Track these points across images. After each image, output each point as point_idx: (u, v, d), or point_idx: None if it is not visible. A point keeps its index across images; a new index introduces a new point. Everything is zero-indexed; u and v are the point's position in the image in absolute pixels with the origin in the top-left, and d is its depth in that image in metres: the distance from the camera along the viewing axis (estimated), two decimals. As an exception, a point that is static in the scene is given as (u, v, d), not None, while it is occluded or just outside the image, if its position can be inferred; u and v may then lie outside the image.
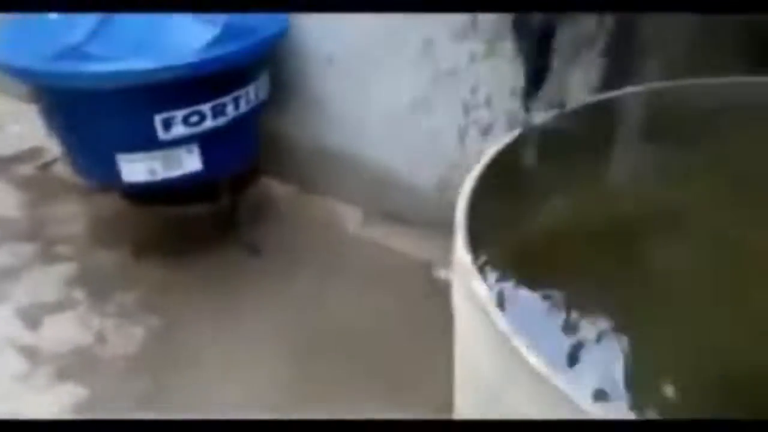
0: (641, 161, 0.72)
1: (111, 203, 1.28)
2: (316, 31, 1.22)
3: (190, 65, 0.99)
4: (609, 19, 0.85)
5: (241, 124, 1.12)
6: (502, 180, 0.65)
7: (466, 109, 1.11)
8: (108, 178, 1.10)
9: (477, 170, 0.63)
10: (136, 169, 1.07)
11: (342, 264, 1.20)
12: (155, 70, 0.98)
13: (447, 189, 1.18)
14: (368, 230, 1.28)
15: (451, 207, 1.27)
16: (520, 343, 0.46)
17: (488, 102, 1.08)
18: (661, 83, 0.75)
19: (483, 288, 0.51)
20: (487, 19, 1.02)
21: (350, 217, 1.30)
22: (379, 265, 1.20)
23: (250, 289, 1.16)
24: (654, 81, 0.76)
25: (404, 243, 1.23)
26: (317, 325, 1.08)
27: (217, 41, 1.01)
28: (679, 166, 0.68)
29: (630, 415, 0.49)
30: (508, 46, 0.99)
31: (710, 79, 0.74)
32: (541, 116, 0.69)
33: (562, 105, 0.74)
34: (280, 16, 1.16)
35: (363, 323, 1.08)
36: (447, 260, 1.14)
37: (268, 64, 1.16)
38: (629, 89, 0.74)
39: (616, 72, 0.87)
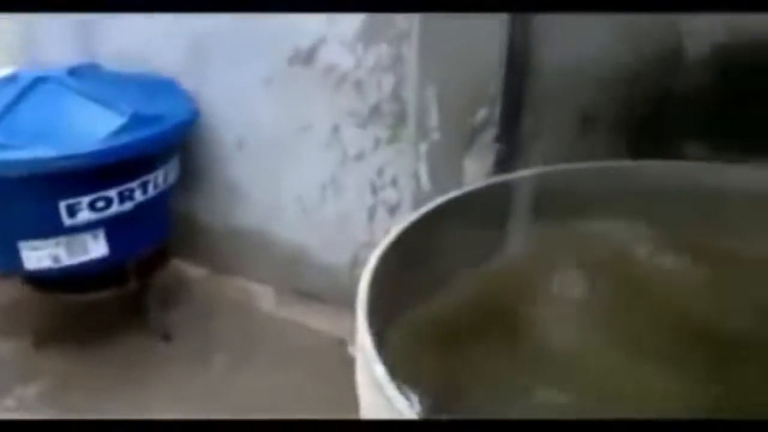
0: (532, 240, 0.76)
1: (12, 289, 1.23)
2: (226, 116, 1.25)
3: (94, 153, 1.00)
4: (497, 108, 0.92)
5: (148, 208, 1.12)
6: (404, 259, 0.67)
7: (374, 190, 1.15)
8: (9, 265, 1.07)
9: (379, 250, 0.65)
10: (39, 255, 1.04)
11: (256, 345, 1.19)
12: (59, 158, 0.98)
13: (359, 267, 1.20)
14: (282, 310, 1.28)
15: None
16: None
17: (394, 183, 1.12)
18: (548, 167, 0.79)
19: (380, 369, 0.53)
20: (389, 109, 1.08)
21: (264, 298, 1.30)
22: (295, 345, 1.19)
23: (159, 377, 1.13)
24: (541, 165, 0.81)
25: (319, 321, 1.24)
26: (231, 412, 1.06)
27: (123, 129, 1.02)
28: (562, 244, 0.73)
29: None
30: (409, 131, 1.04)
31: (595, 163, 0.80)
32: (441, 197, 0.72)
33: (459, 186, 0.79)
34: (189, 104, 1.19)
35: (278, 405, 1.06)
36: (359, 338, 1.14)
37: (177, 150, 1.18)
38: (521, 173, 0.79)
39: (509, 156, 0.93)
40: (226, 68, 1.22)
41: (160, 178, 1.12)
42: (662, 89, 0.85)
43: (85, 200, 1.03)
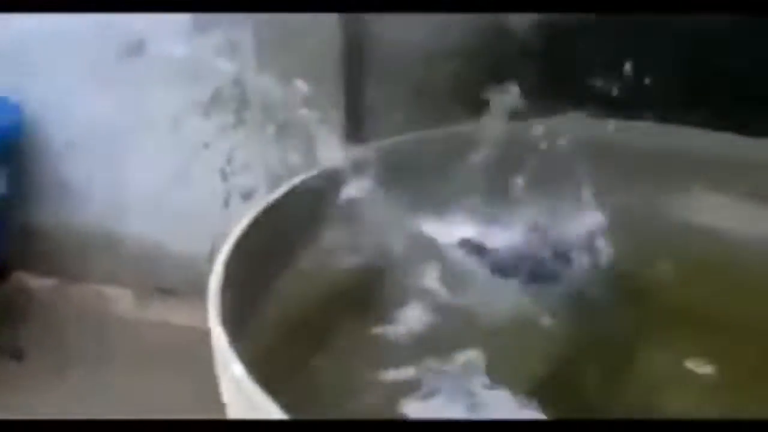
0: (384, 216, 0.80)
1: None
2: (54, 118, 1.19)
3: None
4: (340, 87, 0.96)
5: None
6: (258, 246, 0.65)
7: (225, 177, 1.15)
8: None
9: (230, 240, 0.63)
10: None
11: (116, 351, 1.16)
12: None
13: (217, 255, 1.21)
14: (141, 310, 1.25)
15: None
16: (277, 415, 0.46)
17: (246, 168, 1.13)
18: (394, 139, 0.83)
19: (238, 368, 0.50)
20: (231, 94, 1.08)
21: (119, 300, 1.26)
22: (158, 344, 1.17)
23: (15, 399, 1.06)
24: (384, 138, 0.85)
25: (181, 317, 1.22)
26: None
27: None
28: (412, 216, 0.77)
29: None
30: (256, 116, 1.06)
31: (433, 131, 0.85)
32: (290, 182, 0.74)
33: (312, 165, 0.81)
34: (11, 110, 1.12)
35: (145, 408, 1.04)
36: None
37: (4, 160, 1.11)
38: (370, 145, 0.82)
39: (356, 131, 0.98)
40: (49, 68, 1.16)
41: (-8, 188, 1.06)
42: (490, 59, 0.93)
43: None
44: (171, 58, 1.10)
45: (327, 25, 0.93)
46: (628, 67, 0.79)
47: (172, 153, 1.16)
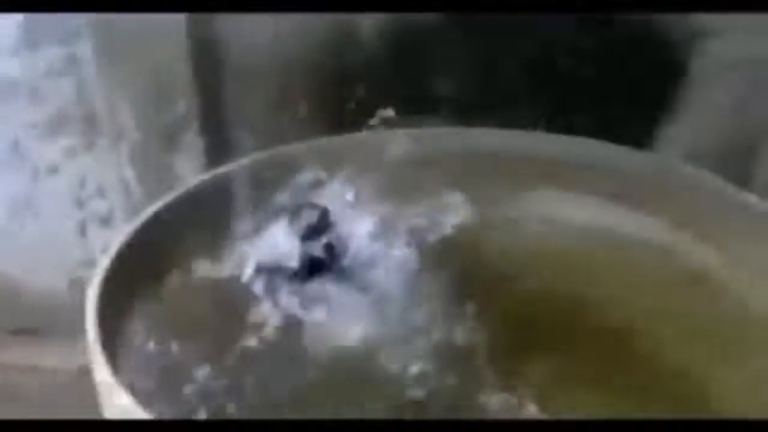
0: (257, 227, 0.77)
1: None
2: None
3: None
4: (195, 102, 0.90)
5: None
6: (132, 270, 0.63)
7: (79, 203, 1.06)
8: None
9: (100, 270, 0.61)
10: None
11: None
12: None
13: (79, 287, 1.12)
14: (2, 355, 1.13)
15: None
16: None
17: (101, 192, 1.05)
18: (263, 153, 0.79)
19: (126, 399, 0.49)
20: (76, 114, 0.99)
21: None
22: (27, 389, 1.07)
23: None
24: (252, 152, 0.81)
25: (49, 357, 1.12)
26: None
27: None
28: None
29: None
30: (104, 141, 0.97)
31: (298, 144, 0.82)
32: (161, 200, 0.68)
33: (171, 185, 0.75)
34: None
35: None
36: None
37: None
38: (238, 161, 0.77)
39: (217, 147, 0.92)
40: None
41: None
42: (341, 67, 0.90)
43: None
44: (3, 78, 1.00)
45: (174, 33, 0.86)
46: (475, 72, 0.79)
47: (14, 181, 1.05)
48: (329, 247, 0.71)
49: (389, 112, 0.86)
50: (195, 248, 0.69)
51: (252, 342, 0.67)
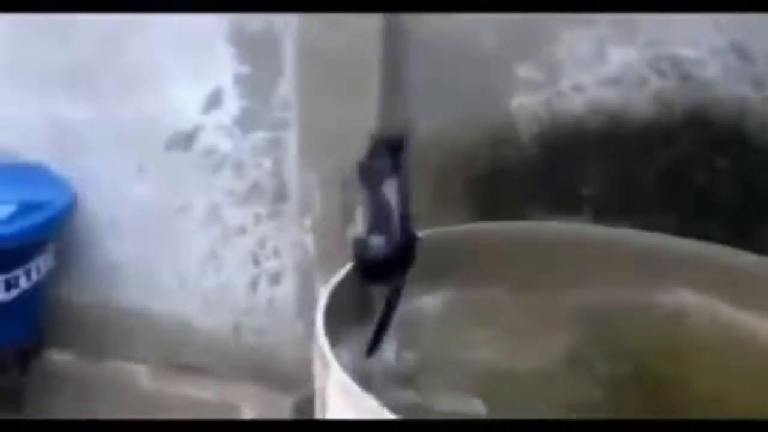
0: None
1: None
2: (99, 199, 1.28)
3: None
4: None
5: (31, 295, 1.13)
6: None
7: (256, 261, 1.25)
8: None
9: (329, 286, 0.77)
10: None
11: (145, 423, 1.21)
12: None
13: (241, 335, 1.29)
14: (164, 385, 1.30)
15: (247, 351, 1.39)
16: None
17: (276, 253, 1.24)
18: (432, 231, 0.93)
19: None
20: (269, 186, 1.20)
21: (144, 376, 1.32)
22: (183, 417, 1.23)
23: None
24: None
25: (203, 391, 1.28)
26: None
27: (14, 217, 1.04)
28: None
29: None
30: (289, 209, 1.18)
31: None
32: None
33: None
34: (67, 189, 1.21)
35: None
36: (252, 401, 1.24)
37: (57, 235, 1.19)
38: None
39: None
40: (100, 154, 1.27)
41: (42, 264, 1.14)
42: (499, 163, 1.07)
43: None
44: (216, 152, 1.23)
45: (365, 127, 1.07)
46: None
47: (206, 238, 1.26)
48: None
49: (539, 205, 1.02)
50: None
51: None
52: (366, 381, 0.68)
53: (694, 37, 0.92)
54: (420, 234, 0.83)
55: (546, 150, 1.02)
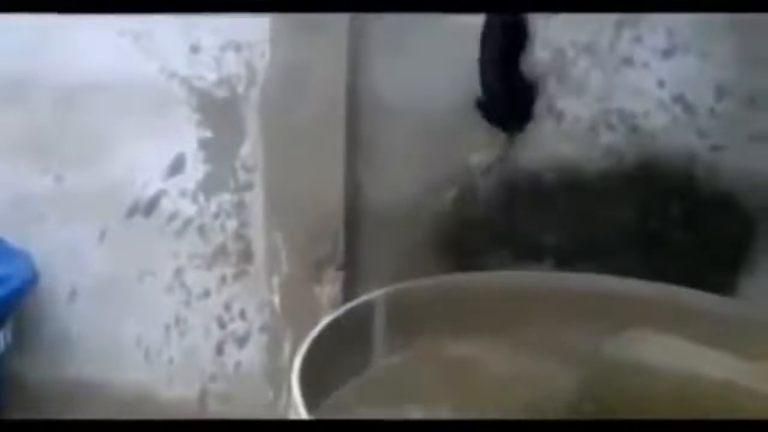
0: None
1: None
2: (57, 270, 1.25)
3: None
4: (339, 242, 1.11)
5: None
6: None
7: (222, 324, 1.24)
8: None
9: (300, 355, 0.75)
10: None
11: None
12: None
13: (207, 399, 1.27)
14: (128, 459, 1.26)
15: (214, 416, 1.35)
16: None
17: (242, 315, 1.23)
18: (393, 287, 0.97)
19: None
20: (234, 248, 1.20)
21: (107, 450, 1.27)
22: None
23: None
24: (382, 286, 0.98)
25: (169, 464, 1.24)
26: None
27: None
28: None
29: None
30: (254, 269, 1.18)
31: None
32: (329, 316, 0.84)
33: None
34: (26, 262, 1.18)
35: None
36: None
37: (14, 311, 1.16)
38: (373, 293, 0.95)
39: (352, 281, 1.11)
40: (57, 224, 1.24)
41: (1, 340, 1.10)
42: (463, 217, 1.11)
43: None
44: (179, 217, 1.22)
45: (332, 189, 1.09)
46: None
47: (169, 303, 1.24)
48: None
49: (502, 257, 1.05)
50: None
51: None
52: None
53: (640, 91, 0.98)
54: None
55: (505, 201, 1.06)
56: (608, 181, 1.00)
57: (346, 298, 1.08)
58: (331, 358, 0.81)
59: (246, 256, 1.20)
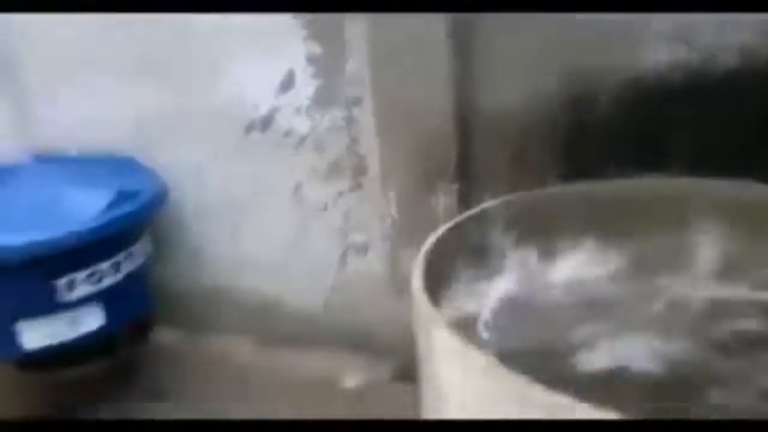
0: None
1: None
2: (184, 186, 1.34)
3: (91, 230, 1.08)
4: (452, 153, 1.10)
5: (135, 277, 1.20)
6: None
7: (343, 235, 1.28)
8: (5, 350, 1.11)
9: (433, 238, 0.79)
10: (39, 335, 1.09)
11: (246, 391, 1.27)
12: (58, 239, 1.05)
13: (332, 309, 1.33)
14: (263, 357, 1.36)
15: (337, 326, 1.42)
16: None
17: (361, 226, 1.26)
18: (521, 193, 0.94)
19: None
20: (348, 163, 1.23)
21: (243, 349, 1.38)
22: (284, 386, 1.28)
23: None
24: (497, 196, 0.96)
25: (300, 363, 1.33)
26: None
27: (112, 205, 1.11)
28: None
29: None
30: (370, 182, 1.21)
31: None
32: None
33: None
34: (157, 178, 1.27)
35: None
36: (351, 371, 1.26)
37: (151, 221, 1.26)
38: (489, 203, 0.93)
39: (467, 192, 1.11)
40: (180, 142, 1.32)
41: (141, 248, 1.21)
42: (580, 125, 1.06)
43: (82, 275, 1.10)
44: (294, 133, 1.26)
45: (440, 96, 1.07)
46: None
47: (292, 216, 1.30)
48: None
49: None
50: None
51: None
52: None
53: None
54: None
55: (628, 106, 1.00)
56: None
57: (461, 210, 1.08)
58: (450, 264, 0.82)
59: (360, 169, 1.23)
